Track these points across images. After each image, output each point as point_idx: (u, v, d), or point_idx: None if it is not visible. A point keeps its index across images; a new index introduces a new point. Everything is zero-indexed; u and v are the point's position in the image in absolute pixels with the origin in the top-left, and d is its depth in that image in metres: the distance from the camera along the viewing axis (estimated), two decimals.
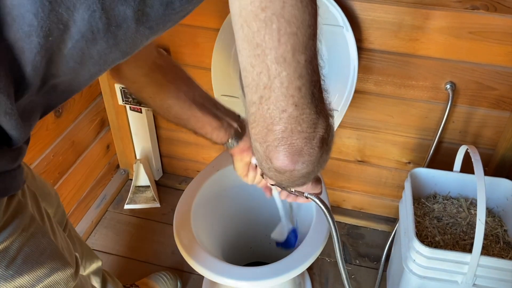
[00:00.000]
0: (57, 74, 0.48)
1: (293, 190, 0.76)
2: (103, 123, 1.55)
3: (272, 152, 0.46)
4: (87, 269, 1.03)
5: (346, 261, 1.45)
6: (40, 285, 0.56)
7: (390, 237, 1.32)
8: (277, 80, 0.41)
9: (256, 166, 0.86)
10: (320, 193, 0.77)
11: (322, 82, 0.47)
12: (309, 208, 1.12)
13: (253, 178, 0.88)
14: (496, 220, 1.16)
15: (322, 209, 0.79)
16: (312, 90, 0.43)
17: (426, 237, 1.11)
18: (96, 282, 1.06)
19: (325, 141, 0.48)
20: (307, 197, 0.76)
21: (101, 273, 1.09)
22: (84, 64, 0.49)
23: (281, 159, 0.46)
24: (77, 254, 0.69)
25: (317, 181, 0.74)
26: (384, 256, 1.33)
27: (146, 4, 0.46)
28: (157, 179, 1.69)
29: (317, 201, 0.77)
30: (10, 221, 0.52)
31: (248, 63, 0.42)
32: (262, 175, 0.86)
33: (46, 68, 0.46)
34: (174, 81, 0.80)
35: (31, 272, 0.54)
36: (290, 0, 0.39)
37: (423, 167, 1.19)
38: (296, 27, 0.40)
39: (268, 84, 0.42)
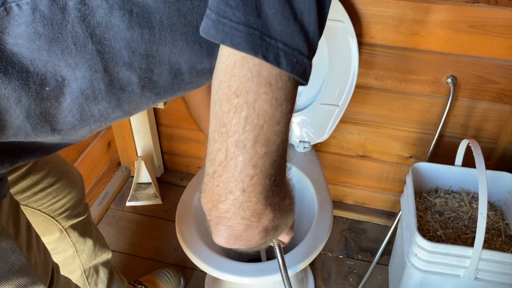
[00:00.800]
0: (56, 128, 0.48)
1: None
2: None
3: (212, 228, 0.46)
4: (98, 258, 1.04)
5: (348, 256, 1.46)
6: None
7: (390, 230, 1.32)
8: (232, 162, 0.42)
9: None
10: (285, 243, 0.75)
11: (280, 179, 0.46)
12: (311, 204, 1.12)
13: None
14: (498, 214, 1.16)
15: (277, 257, 0.77)
16: (265, 182, 0.43)
17: (428, 232, 1.11)
18: (104, 273, 1.07)
19: (269, 231, 0.47)
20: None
21: (109, 266, 1.10)
22: (84, 121, 0.49)
23: (219, 238, 0.46)
24: (55, 266, 0.69)
25: (290, 229, 0.72)
26: (381, 250, 1.31)
27: (154, 73, 0.47)
28: (158, 176, 1.70)
29: (276, 249, 0.76)
30: None
31: (212, 136, 0.43)
32: None
33: (42, 117, 0.46)
34: None
35: None
36: (265, 95, 0.39)
37: (424, 161, 1.19)
38: (264, 120, 0.40)
39: (223, 163, 0.42)
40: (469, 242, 1.07)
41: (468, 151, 1.07)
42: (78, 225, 0.96)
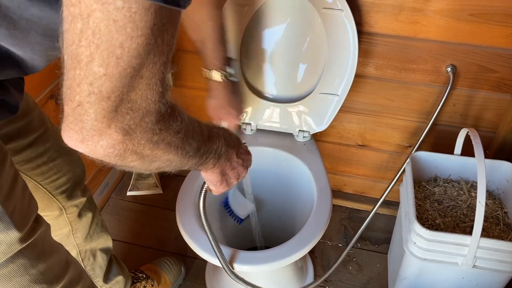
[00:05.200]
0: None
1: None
2: None
3: (62, 123, 0.46)
4: (94, 242, 1.07)
5: (347, 244, 1.47)
6: None
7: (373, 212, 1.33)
8: (71, 72, 0.41)
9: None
10: (214, 192, 0.78)
11: (135, 106, 0.44)
12: (310, 194, 1.12)
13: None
14: (497, 202, 1.17)
15: (199, 200, 0.83)
16: (104, 103, 0.42)
17: (426, 220, 1.12)
18: (102, 259, 1.10)
19: (125, 153, 0.47)
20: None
21: (109, 254, 1.12)
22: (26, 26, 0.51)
23: (63, 135, 0.46)
24: (39, 217, 0.70)
25: (218, 182, 0.74)
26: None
27: None
28: None
29: (203, 186, 0.81)
30: None
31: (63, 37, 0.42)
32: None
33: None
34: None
35: None
36: (99, 13, 0.37)
37: (415, 150, 1.18)
38: (100, 40, 0.39)
39: (65, 68, 0.42)
40: (468, 231, 1.08)
41: (468, 140, 1.07)
42: (78, 206, 1.00)
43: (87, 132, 0.44)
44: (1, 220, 0.61)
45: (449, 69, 1.17)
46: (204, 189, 0.81)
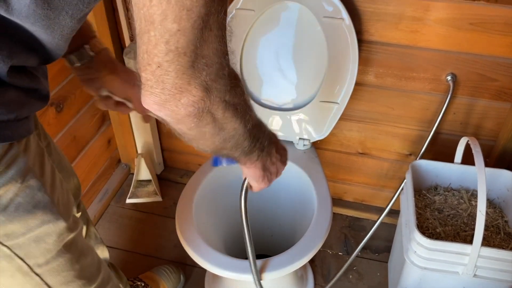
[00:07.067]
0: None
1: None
2: (104, 118, 1.56)
3: (141, 90, 0.48)
4: None
5: (347, 253, 1.46)
6: (32, 234, 0.61)
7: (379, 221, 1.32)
8: (145, 36, 0.44)
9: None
10: (255, 188, 0.79)
11: (208, 59, 0.47)
12: (310, 202, 1.12)
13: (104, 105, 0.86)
14: (497, 211, 1.17)
15: (241, 190, 0.82)
16: (182, 59, 0.45)
17: (427, 229, 1.11)
18: None
19: (201, 112, 0.50)
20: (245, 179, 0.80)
21: (106, 265, 1.10)
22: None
23: (144, 102, 0.49)
24: (76, 215, 0.73)
25: (261, 177, 0.74)
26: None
27: None
28: (158, 173, 1.70)
29: (244, 183, 0.80)
30: (4, 171, 0.56)
31: (134, 4, 0.44)
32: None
33: None
34: None
35: (21, 221, 0.59)
36: None
37: (418, 158, 1.19)
38: None
39: (139, 34, 0.45)
40: (468, 240, 1.07)
41: (468, 149, 1.07)
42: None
43: (169, 92, 0.46)
44: (50, 211, 0.62)
45: (449, 77, 1.18)
46: (245, 186, 0.80)
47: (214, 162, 1.04)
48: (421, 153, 1.22)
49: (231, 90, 0.52)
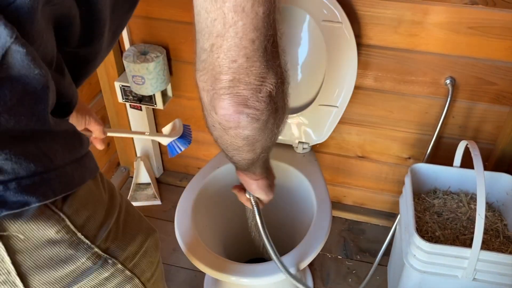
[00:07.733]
0: None
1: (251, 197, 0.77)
2: (103, 121, 1.56)
3: (217, 100, 0.46)
4: None
5: (347, 256, 1.46)
6: (142, 250, 0.57)
7: (390, 231, 1.32)
8: (232, 29, 0.41)
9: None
10: (263, 203, 0.77)
11: (277, 38, 0.46)
12: (310, 205, 1.12)
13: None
14: (496, 214, 1.17)
15: (254, 209, 0.80)
16: (265, 44, 0.43)
17: (426, 232, 1.11)
18: None
19: (273, 98, 0.47)
20: (248, 196, 0.76)
21: None
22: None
23: (226, 107, 0.46)
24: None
25: (269, 188, 0.73)
26: (382, 250, 1.32)
27: None
28: (157, 177, 1.70)
29: (253, 201, 0.77)
30: (111, 200, 0.52)
31: (204, 8, 0.41)
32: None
33: None
34: None
35: (134, 240, 0.56)
36: None
37: (423, 162, 1.19)
38: None
39: (222, 33, 0.41)
40: (468, 243, 1.07)
41: (467, 152, 1.07)
42: None
43: (251, 86, 0.44)
44: (147, 225, 0.60)
45: (448, 81, 1.18)
46: (254, 202, 0.78)
47: (171, 153, 1.02)
48: (425, 157, 1.22)
49: (282, 77, 0.50)
